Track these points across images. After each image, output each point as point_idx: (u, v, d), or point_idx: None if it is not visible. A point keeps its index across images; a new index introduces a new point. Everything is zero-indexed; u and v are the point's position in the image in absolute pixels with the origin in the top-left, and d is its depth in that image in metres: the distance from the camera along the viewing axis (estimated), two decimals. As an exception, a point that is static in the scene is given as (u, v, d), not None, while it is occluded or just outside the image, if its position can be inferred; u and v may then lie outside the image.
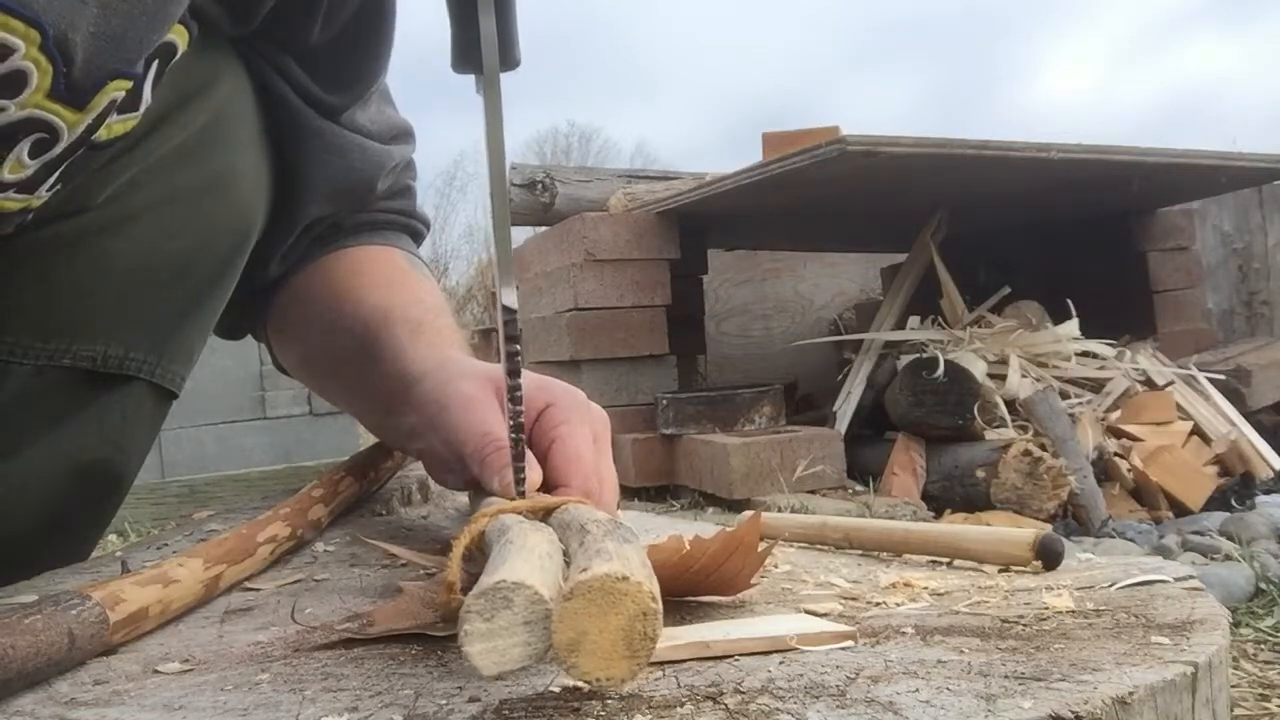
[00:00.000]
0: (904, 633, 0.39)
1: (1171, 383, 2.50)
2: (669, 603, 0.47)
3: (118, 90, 0.53)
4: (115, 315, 0.63)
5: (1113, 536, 1.91)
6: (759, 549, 0.45)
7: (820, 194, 2.46)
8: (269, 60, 0.67)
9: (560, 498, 0.47)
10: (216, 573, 0.52)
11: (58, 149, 0.53)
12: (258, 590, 0.54)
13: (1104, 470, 2.21)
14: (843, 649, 0.37)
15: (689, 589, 0.46)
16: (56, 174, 0.55)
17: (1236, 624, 1.34)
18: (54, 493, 0.66)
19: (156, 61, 0.56)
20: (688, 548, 0.43)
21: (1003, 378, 2.34)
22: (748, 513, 0.48)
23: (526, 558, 0.34)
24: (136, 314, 0.64)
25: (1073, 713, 0.28)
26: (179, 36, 0.57)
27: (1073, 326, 2.59)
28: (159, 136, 0.61)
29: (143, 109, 0.57)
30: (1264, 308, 3.56)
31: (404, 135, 0.79)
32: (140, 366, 0.66)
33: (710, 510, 2.20)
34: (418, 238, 0.84)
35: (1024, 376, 2.38)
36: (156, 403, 0.69)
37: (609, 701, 0.31)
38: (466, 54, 0.43)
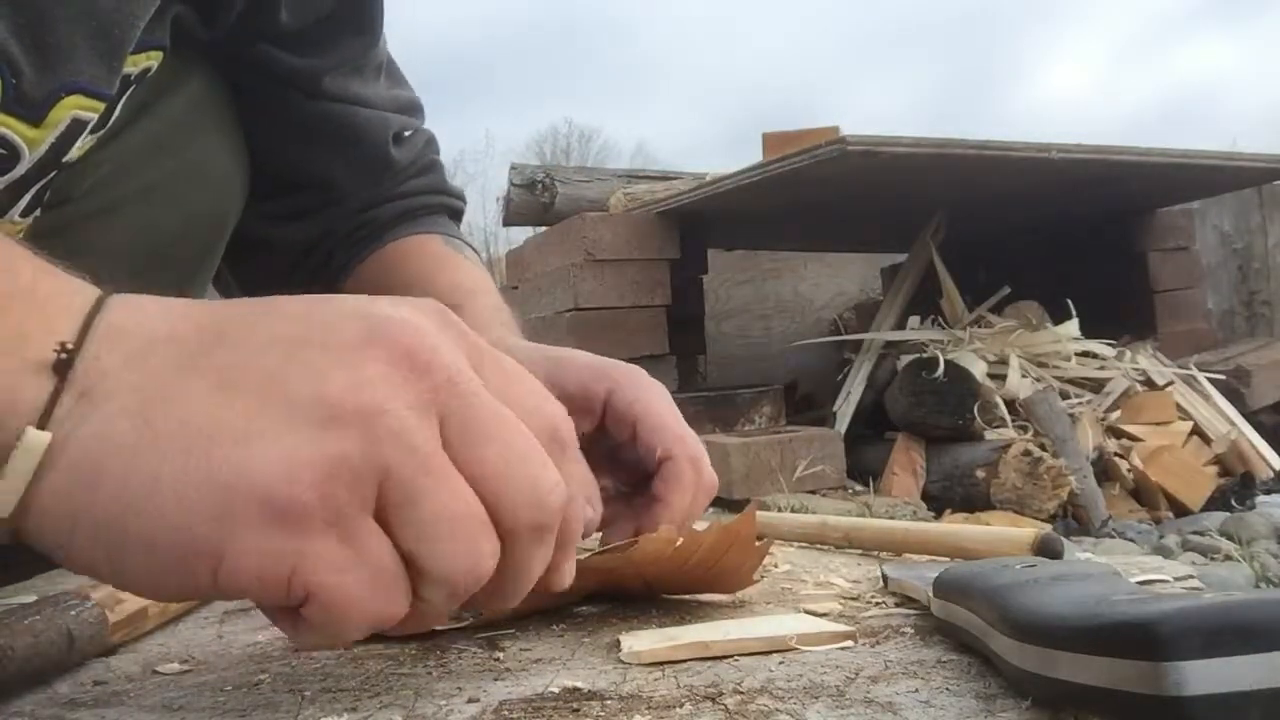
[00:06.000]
0: (904, 633, 0.39)
1: (1171, 383, 2.50)
2: (669, 601, 0.47)
3: (81, 109, 0.51)
4: None
5: (1113, 536, 1.91)
6: (756, 543, 0.45)
7: (820, 194, 2.46)
8: (245, 57, 0.66)
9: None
10: (216, 573, 0.52)
11: (19, 169, 0.51)
12: (257, 590, 0.54)
13: (1104, 470, 2.21)
14: (842, 649, 0.37)
15: (688, 585, 0.46)
16: (29, 197, 0.54)
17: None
18: None
19: (134, 86, 0.56)
20: (680, 540, 0.43)
21: (1003, 378, 2.34)
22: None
23: None
24: None
25: (1074, 713, 0.28)
26: (154, 61, 0.57)
27: (1073, 326, 2.59)
28: (137, 129, 0.61)
29: (110, 122, 0.57)
30: (1264, 308, 3.56)
31: (409, 108, 0.77)
32: None
33: (710, 510, 2.19)
34: (457, 215, 0.82)
35: (1024, 376, 2.37)
36: None
37: (608, 702, 0.31)
38: None
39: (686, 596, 0.47)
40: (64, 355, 0.29)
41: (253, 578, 0.29)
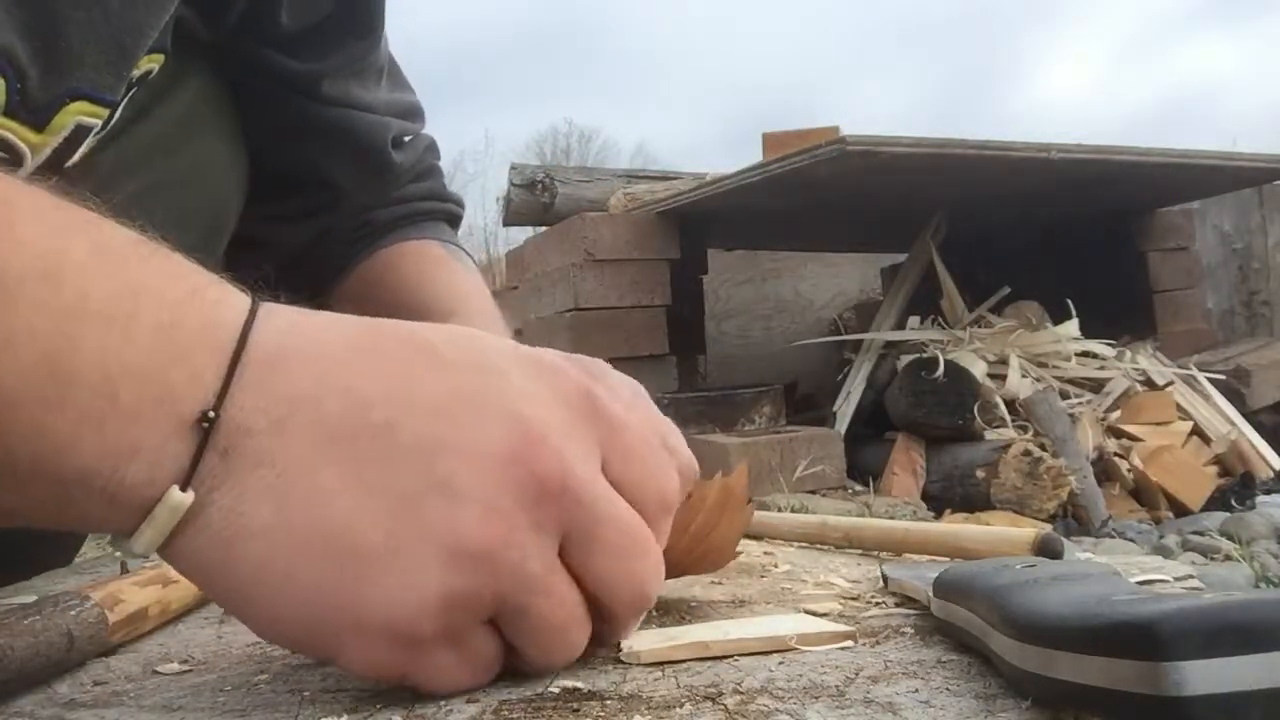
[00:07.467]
0: (904, 633, 0.39)
1: (1171, 383, 2.50)
2: (669, 601, 0.47)
3: (85, 115, 0.51)
4: None
5: (1113, 536, 1.92)
6: (747, 505, 0.45)
7: (820, 194, 2.46)
8: (246, 59, 0.66)
9: None
10: (216, 573, 0.52)
11: (21, 174, 0.51)
12: (257, 590, 0.54)
13: (1104, 470, 2.21)
14: (842, 649, 0.37)
15: (681, 551, 0.45)
16: None
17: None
18: None
19: (135, 89, 0.56)
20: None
21: (1003, 378, 2.34)
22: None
23: None
24: None
25: (1074, 713, 0.28)
26: (155, 64, 0.57)
27: (1073, 326, 2.59)
28: (136, 131, 0.61)
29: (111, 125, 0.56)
30: (1264, 308, 3.56)
31: (410, 112, 0.78)
32: None
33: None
34: (454, 221, 0.83)
35: (1024, 376, 2.38)
36: None
37: (608, 702, 0.31)
38: None
39: (686, 596, 0.47)
40: (207, 423, 0.30)
41: (366, 671, 0.32)
